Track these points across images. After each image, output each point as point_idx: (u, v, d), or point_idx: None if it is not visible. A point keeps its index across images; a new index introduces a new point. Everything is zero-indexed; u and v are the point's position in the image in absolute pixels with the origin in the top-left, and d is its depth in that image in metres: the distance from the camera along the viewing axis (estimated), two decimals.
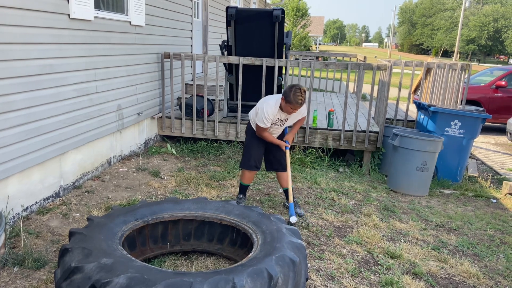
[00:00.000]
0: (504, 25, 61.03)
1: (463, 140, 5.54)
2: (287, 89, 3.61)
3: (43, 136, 3.68)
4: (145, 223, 2.86)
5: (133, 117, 5.41)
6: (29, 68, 3.44)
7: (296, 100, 3.56)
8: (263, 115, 3.71)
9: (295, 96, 3.55)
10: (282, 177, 4.11)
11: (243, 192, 4.20)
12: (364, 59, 11.45)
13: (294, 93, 3.55)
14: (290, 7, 40.07)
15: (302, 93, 3.56)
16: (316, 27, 53.82)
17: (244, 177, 4.11)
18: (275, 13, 5.55)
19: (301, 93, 3.55)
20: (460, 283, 3.16)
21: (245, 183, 4.14)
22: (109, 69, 4.69)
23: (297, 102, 3.57)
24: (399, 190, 5.20)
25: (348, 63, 5.89)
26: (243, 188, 4.19)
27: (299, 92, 3.54)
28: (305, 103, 3.92)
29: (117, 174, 4.84)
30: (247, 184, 4.15)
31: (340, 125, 6.17)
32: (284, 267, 2.30)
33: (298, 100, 3.56)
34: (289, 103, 3.59)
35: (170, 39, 6.48)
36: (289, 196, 3.96)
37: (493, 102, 9.82)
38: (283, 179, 4.11)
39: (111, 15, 4.69)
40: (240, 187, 4.20)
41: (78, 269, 2.12)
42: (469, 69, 6.48)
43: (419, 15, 76.62)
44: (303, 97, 3.58)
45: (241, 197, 4.18)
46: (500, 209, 5.01)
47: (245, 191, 4.21)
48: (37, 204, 3.75)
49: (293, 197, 4.07)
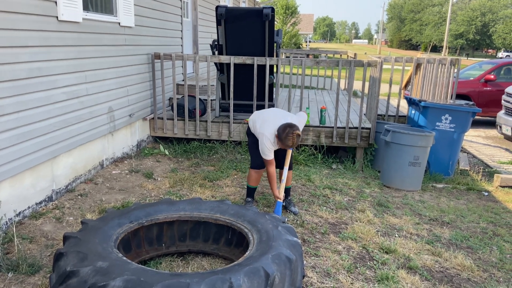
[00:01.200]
0: (491, 19, 61.64)
1: (454, 134, 5.59)
2: (281, 127, 3.59)
3: (34, 140, 3.64)
4: (139, 225, 2.85)
5: (125, 119, 5.38)
6: (17, 71, 3.40)
7: (286, 143, 3.59)
8: (264, 148, 3.70)
9: (286, 139, 3.56)
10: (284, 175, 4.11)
11: (251, 195, 4.15)
12: (355, 55, 11.50)
13: (286, 136, 3.56)
14: (279, 5, 40.08)
15: (295, 137, 3.56)
16: (306, 25, 53.92)
17: (250, 178, 4.07)
18: (265, 11, 5.55)
19: (293, 137, 3.55)
20: (455, 275, 3.19)
21: (251, 185, 4.10)
22: (99, 71, 4.66)
23: (287, 145, 3.62)
24: (392, 186, 5.23)
25: (339, 60, 5.91)
26: (250, 191, 4.14)
27: (290, 136, 3.54)
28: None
29: (110, 176, 4.81)
30: (253, 186, 4.10)
31: (332, 122, 6.19)
32: (281, 265, 2.30)
33: (289, 143, 3.59)
34: (280, 142, 3.63)
35: (160, 39, 6.45)
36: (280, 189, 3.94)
37: (482, 96, 9.93)
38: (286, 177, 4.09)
39: (100, 16, 4.65)
40: (247, 189, 4.16)
41: (74, 273, 2.11)
42: (458, 64, 6.54)
43: (407, 11, 77.07)
44: (295, 142, 3.58)
45: (249, 201, 4.13)
46: (492, 201, 5.07)
47: (252, 194, 4.15)
48: (30, 208, 3.71)
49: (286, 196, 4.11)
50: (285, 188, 4.13)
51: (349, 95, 5.96)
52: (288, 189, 4.16)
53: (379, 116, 6.72)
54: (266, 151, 3.70)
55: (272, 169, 3.80)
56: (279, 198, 3.88)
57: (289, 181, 4.13)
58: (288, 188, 4.15)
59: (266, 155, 3.72)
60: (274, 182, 3.86)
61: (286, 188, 4.14)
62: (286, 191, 4.16)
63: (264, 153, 3.72)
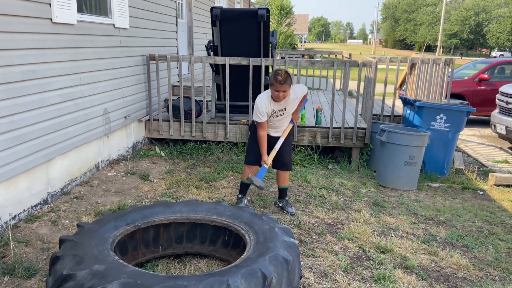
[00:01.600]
0: (485, 19, 62.07)
1: (449, 133, 5.62)
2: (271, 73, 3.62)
3: (29, 143, 3.62)
4: (136, 227, 2.84)
5: (120, 121, 5.36)
6: (11, 74, 3.38)
7: (276, 79, 3.55)
8: (256, 109, 3.71)
9: (275, 76, 3.55)
10: (281, 177, 4.12)
11: (243, 192, 4.14)
12: (350, 56, 11.53)
13: (273, 74, 3.58)
14: (274, 6, 40.14)
15: (282, 72, 3.56)
16: (301, 25, 54.03)
17: (244, 174, 4.07)
18: (260, 12, 5.55)
19: (281, 72, 3.56)
20: (451, 275, 3.20)
21: (244, 180, 4.08)
22: (94, 72, 4.64)
23: (277, 81, 3.55)
24: (388, 185, 5.25)
25: (334, 61, 5.92)
26: (243, 187, 4.13)
27: (278, 72, 3.56)
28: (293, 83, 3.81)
29: (105, 178, 4.80)
30: (246, 182, 4.07)
31: (328, 122, 6.20)
32: (278, 266, 2.31)
33: (278, 78, 3.54)
34: (272, 86, 3.60)
35: (155, 41, 6.44)
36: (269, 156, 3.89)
37: (477, 95, 9.98)
38: (282, 178, 4.12)
39: (94, 18, 4.64)
40: (240, 185, 4.16)
41: (70, 277, 2.10)
42: (452, 63, 6.57)
43: (402, 11, 77.44)
44: (283, 75, 3.55)
45: (240, 197, 4.12)
46: (487, 200, 5.10)
47: (245, 190, 4.14)
48: (25, 212, 3.69)
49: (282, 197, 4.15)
50: (281, 188, 4.16)
51: (345, 95, 5.98)
52: (284, 190, 4.17)
53: (375, 116, 6.73)
54: (259, 112, 3.69)
55: (263, 133, 3.80)
56: (266, 163, 3.87)
57: (285, 182, 4.14)
58: (284, 188, 4.16)
59: (258, 117, 3.71)
60: (263, 147, 3.84)
61: (282, 189, 4.16)
62: (282, 192, 4.17)
63: (256, 115, 3.72)
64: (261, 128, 3.78)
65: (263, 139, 3.82)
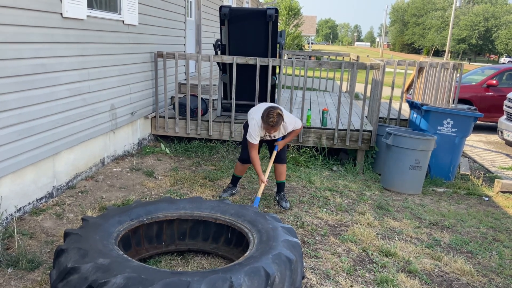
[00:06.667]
0: (494, 25, 61.62)
1: (456, 138, 5.59)
2: (266, 108, 3.72)
3: (36, 136, 3.64)
4: (140, 223, 2.86)
5: (127, 117, 5.38)
6: (21, 67, 3.40)
7: (267, 121, 3.68)
8: (250, 132, 3.85)
9: (267, 117, 3.67)
10: (278, 170, 4.24)
11: (234, 183, 4.39)
12: (357, 58, 11.49)
13: (267, 114, 3.67)
14: (282, 6, 40.14)
15: (275, 115, 3.64)
16: (309, 27, 53.95)
17: (236, 168, 4.33)
18: (269, 12, 5.55)
19: (273, 115, 3.64)
20: (454, 280, 3.19)
21: (236, 174, 4.35)
22: (102, 68, 4.66)
23: (268, 123, 3.68)
24: (393, 189, 5.23)
25: (341, 63, 5.91)
26: (234, 179, 4.39)
27: (271, 114, 3.65)
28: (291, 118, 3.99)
29: (111, 174, 4.82)
30: (238, 175, 4.35)
31: (333, 124, 6.19)
32: (281, 265, 2.31)
33: (269, 121, 3.67)
34: (263, 123, 3.73)
35: (163, 38, 6.45)
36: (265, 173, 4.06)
37: (484, 101, 9.92)
38: (279, 173, 4.25)
39: (104, 14, 4.66)
40: (232, 177, 4.41)
41: (75, 270, 2.11)
42: (461, 68, 6.54)
43: (410, 15, 77.06)
44: (274, 119, 3.65)
45: (229, 187, 4.39)
46: (492, 206, 5.07)
47: (235, 182, 4.40)
48: (31, 204, 3.72)
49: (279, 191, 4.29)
50: (279, 183, 4.29)
51: (351, 97, 5.96)
52: (282, 184, 4.29)
53: (381, 119, 6.72)
54: (252, 134, 3.83)
55: (254, 154, 3.93)
56: (263, 181, 3.96)
57: (282, 175, 4.25)
58: (281, 182, 4.28)
59: (251, 138, 3.85)
60: (257, 166, 3.96)
61: (279, 183, 4.30)
62: (280, 186, 4.31)
63: (250, 136, 3.85)
64: (253, 149, 3.91)
65: (256, 160, 3.95)
